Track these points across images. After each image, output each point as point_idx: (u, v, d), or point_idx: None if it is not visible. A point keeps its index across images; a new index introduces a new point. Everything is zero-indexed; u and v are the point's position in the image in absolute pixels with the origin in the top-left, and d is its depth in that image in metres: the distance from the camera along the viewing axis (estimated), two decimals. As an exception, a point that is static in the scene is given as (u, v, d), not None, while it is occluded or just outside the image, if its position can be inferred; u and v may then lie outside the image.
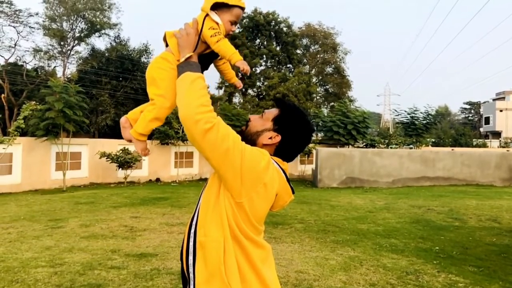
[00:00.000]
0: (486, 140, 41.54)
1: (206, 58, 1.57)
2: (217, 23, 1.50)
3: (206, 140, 1.32)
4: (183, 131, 17.78)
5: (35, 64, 31.80)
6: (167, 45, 1.56)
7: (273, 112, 1.62)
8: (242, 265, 1.40)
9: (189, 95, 1.35)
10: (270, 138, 1.56)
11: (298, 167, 21.22)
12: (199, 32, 1.49)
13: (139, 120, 1.55)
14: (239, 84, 1.71)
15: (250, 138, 1.58)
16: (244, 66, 1.49)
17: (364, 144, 22.88)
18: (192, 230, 1.46)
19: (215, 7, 1.50)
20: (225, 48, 1.49)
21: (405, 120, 25.11)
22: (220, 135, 1.33)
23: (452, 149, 23.91)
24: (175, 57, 1.50)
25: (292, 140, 1.59)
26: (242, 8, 1.56)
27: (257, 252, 1.44)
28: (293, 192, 1.58)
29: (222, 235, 1.39)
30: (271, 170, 1.43)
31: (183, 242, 1.52)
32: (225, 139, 1.33)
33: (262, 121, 1.60)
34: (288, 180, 1.54)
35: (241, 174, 1.36)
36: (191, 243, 1.45)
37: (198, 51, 1.52)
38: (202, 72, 1.51)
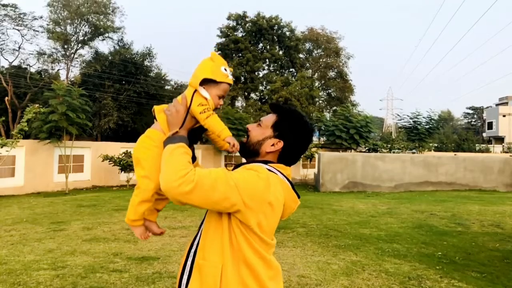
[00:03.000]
0: (489, 145, 41.41)
1: (197, 130, 1.58)
2: (206, 98, 1.51)
3: (194, 199, 1.31)
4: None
5: (38, 67, 32.00)
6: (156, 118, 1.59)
7: (270, 118, 1.61)
8: (250, 285, 1.39)
9: (167, 168, 1.33)
10: (273, 145, 1.55)
11: (301, 171, 21.20)
12: (188, 108, 1.50)
13: (128, 207, 1.58)
14: (234, 149, 1.60)
15: (252, 149, 1.57)
16: (234, 142, 1.50)
17: (366, 148, 22.86)
18: (192, 250, 1.47)
19: (204, 82, 1.51)
20: (214, 124, 1.51)
21: (408, 125, 25.09)
22: (206, 188, 1.30)
23: (455, 154, 23.85)
24: (164, 132, 1.50)
25: (295, 143, 1.58)
26: (230, 84, 1.58)
27: (266, 272, 1.43)
28: (299, 197, 1.57)
29: (221, 260, 1.38)
30: (272, 186, 1.41)
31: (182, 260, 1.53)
32: (214, 188, 1.31)
33: (262, 130, 1.59)
34: (292, 186, 1.53)
35: (244, 204, 1.35)
36: (188, 263, 1.45)
37: (188, 127, 1.52)
38: (192, 145, 1.52)
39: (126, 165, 16.16)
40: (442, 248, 6.36)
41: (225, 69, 1.54)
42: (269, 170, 1.47)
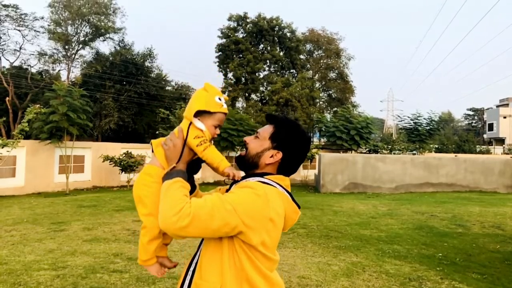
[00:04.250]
0: (489, 147, 41.40)
1: (196, 160, 1.57)
2: (202, 130, 1.51)
3: (193, 231, 1.30)
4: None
5: (39, 68, 32.02)
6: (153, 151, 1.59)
7: (267, 130, 1.60)
8: None
9: (163, 205, 1.34)
10: (272, 156, 1.55)
11: (301, 172, 21.20)
12: (185, 140, 1.50)
13: (139, 249, 1.57)
14: (235, 178, 1.54)
15: (251, 161, 1.57)
16: (233, 172, 1.49)
17: (367, 149, 22.86)
18: (191, 269, 1.46)
19: (198, 113, 1.51)
20: (212, 157, 1.50)
21: (408, 126, 25.10)
22: (204, 218, 1.30)
23: (456, 156, 23.85)
24: (162, 167, 1.50)
25: (293, 153, 1.58)
26: (225, 114, 1.58)
27: None
28: (299, 207, 1.56)
29: (219, 281, 1.37)
30: (271, 201, 1.39)
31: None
32: (212, 217, 1.30)
33: (260, 142, 1.58)
34: (292, 197, 1.52)
35: (244, 225, 1.34)
36: (186, 282, 1.45)
37: (187, 159, 1.52)
38: (191, 175, 1.52)
39: (126, 165, 16.17)
40: (442, 250, 6.36)
41: (220, 99, 1.54)
42: (267, 183, 1.46)
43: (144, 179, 1.52)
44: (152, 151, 1.59)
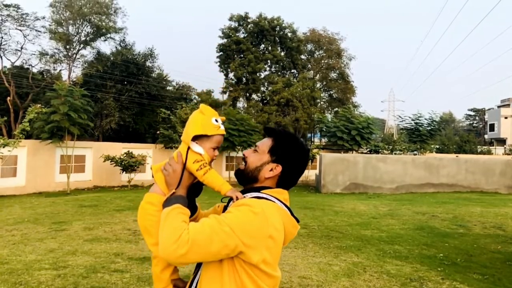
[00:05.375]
0: (490, 147, 41.34)
1: (197, 183, 1.56)
2: (200, 154, 1.50)
3: (193, 257, 1.30)
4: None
5: (40, 68, 32.03)
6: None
7: (266, 143, 1.59)
8: None
9: (161, 233, 1.33)
10: (271, 170, 1.54)
11: (302, 172, 21.16)
12: (184, 165, 1.49)
13: (153, 279, 1.57)
14: (239, 198, 1.53)
15: (251, 175, 1.56)
16: (235, 194, 1.48)
17: (368, 150, 22.84)
18: (193, 287, 1.45)
19: (196, 137, 1.50)
20: (212, 180, 1.49)
21: (409, 126, 25.07)
22: (202, 244, 1.29)
23: (457, 156, 23.83)
24: (163, 193, 1.49)
25: (293, 167, 1.57)
26: (222, 135, 1.57)
27: None
28: (298, 222, 1.55)
29: None
30: (270, 217, 1.38)
31: None
32: (211, 241, 1.30)
33: (259, 155, 1.57)
34: (290, 211, 1.51)
35: (244, 245, 1.32)
36: None
37: (187, 184, 1.51)
38: (193, 198, 1.52)
39: (127, 165, 16.18)
40: (443, 250, 6.35)
41: (216, 120, 1.53)
42: (265, 198, 1.45)
43: (147, 209, 1.50)
44: (152, 176, 1.58)
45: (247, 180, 1.57)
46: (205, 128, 1.50)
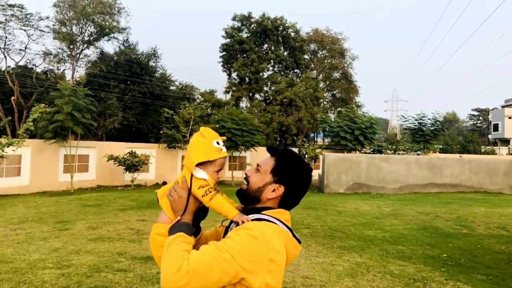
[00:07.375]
0: (494, 147, 41.18)
1: (203, 207, 1.55)
2: (205, 179, 1.49)
3: (194, 287, 1.27)
4: (190, 135, 17.86)
5: (44, 67, 32.11)
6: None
7: (268, 163, 1.58)
8: None
9: (163, 264, 1.32)
10: (274, 191, 1.52)
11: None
12: (189, 190, 1.48)
13: None
14: (245, 222, 1.51)
15: (253, 196, 1.54)
16: (242, 219, 1.45)
17: (371, 150, 22.80)
18: None
19: (199, 163, 1.49)
20: (219, 205, 1.47)
21: (413, 126, 25.02)
22: (202, 273, 1.27)
23: (460, 156, 23.73)
24: (170, 220, 1.48)
25: (295, 187, 1.56)
26: (225, 157, 1.56)
27: None
28: (300, 242, 1.53)
29: None
30: (270, 240, 1.36)
31: None
32: (211, 269, 1.28)
33: (261, 176, 1.55)
34: (292, 232, 1.49)
35: (245, 271, 1.31)
36: None
37: (193, 209, 1.50)
38: (199, 221, 1.52)
39: (130, 165, 16.22)
40: (447, 250, 6.33)
41: (218, 143, 1.52)
42: (265, 219, 1.44)
43: (157, 240, 1.48)
44: (158, 200, 1.56)
45: (249, 201, 1.56)
46: (207, 154, 1.49)
